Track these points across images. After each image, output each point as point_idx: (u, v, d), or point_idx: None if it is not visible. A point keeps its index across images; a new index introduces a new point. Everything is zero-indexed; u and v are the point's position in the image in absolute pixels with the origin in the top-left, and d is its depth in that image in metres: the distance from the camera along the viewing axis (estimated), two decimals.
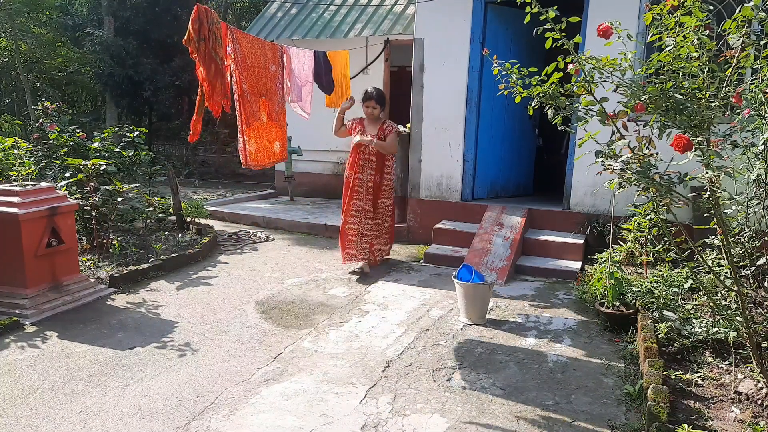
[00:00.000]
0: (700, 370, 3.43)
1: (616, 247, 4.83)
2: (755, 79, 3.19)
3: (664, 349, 3.66)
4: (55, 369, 3.56)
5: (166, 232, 6.81)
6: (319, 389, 3.36)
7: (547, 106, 3.05)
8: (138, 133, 6.97)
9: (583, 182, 6.14)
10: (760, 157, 3.24)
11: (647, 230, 4.16)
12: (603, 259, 4.69)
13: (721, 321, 3.61)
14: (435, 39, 6.60)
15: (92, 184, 5.59)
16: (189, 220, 7.16)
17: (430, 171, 6.86)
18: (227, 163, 13.44)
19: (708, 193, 2.91)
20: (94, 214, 5.62)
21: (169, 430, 2.93)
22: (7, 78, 16.96)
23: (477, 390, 3.38)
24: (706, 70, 2.80)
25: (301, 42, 8.80)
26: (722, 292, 3.81)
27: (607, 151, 2.82)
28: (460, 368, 3.66)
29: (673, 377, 3.33)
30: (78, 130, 6.71)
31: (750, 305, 3.84)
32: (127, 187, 5.96)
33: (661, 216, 3.03)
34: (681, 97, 2.74)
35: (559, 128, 3.15)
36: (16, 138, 6.78)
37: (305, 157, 9.42)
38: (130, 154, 6.63)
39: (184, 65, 12.56)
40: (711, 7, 2.96)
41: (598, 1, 5.81)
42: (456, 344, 4.04)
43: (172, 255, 5.79)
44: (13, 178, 5.60)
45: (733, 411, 3.00)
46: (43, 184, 4.74)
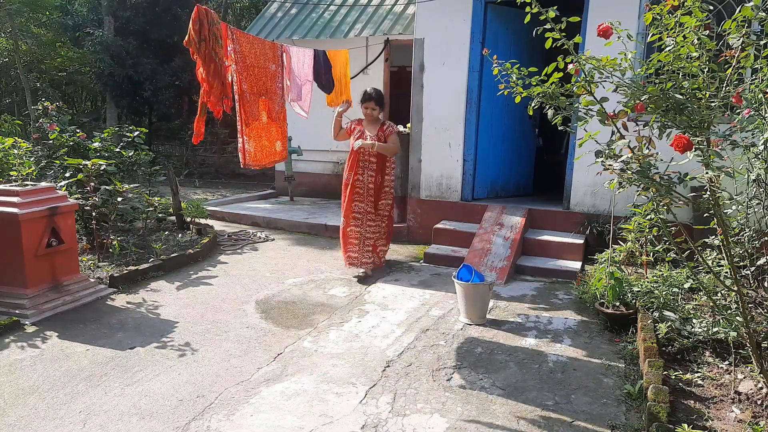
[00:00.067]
0: (700, 370, 3.43)
1: (616, 247, 4.83)
2: (755, 79, 3.19)
3: (664, 349, 3.66)
4: (55, 369, 3.56)
5: (166, 232, 6.81)
6: (319, 389, 3.36)
7: (547, 106, 3.05)
8: (138, 133, 6.97)
9: (583, 182, 6.14)
10: (760, 157, 3.24)
11: (647, 230, 4.16)
12: (603, 259, 4.69)
13: (721, 321, 3.61)
14: (435, 39, 6.60)
15: (92, 184, 5.59)
16: (189, 220, 7.16)
17: (430, 171, 6.86)
18: (227, 163, 13.45)
19: (708, 193, 2.91)
20: (94, 214, 5.62)
21: (169, 430, 2.93)
22: (7, 78, 16.97)
23: (477, 390, 3.38)
24: (706, 70, 2.80)
25: (301, 42, 8.80)
26: (722, 292, 3.82)
27: (607, 151, 2.82)
28: (460, 368, 3.66)
29: (673, 377, 3.33)
30: (78, 130, 6.71)
31: (750, 305, 3.84)
32: (127, 187, 5.96)
33: (661, 216, 3.03)
34: (681, 97, 2.74)
35: (559, 128, 3.15)
36: (16, 138, 6.77)
37: (305, 157, 9.41)
38: (130, 154, 6.63)
39: (184, 65, 12.58)
40: (711, 7, 2.96)
41: (598, 1, 5.81)
42: (456, 344, 4.04)
43: (172, 255, 5.79)
44: (13, 178, 5.60)
45: (733, 411, 3.00)
46: (43, 184, 4.74)
